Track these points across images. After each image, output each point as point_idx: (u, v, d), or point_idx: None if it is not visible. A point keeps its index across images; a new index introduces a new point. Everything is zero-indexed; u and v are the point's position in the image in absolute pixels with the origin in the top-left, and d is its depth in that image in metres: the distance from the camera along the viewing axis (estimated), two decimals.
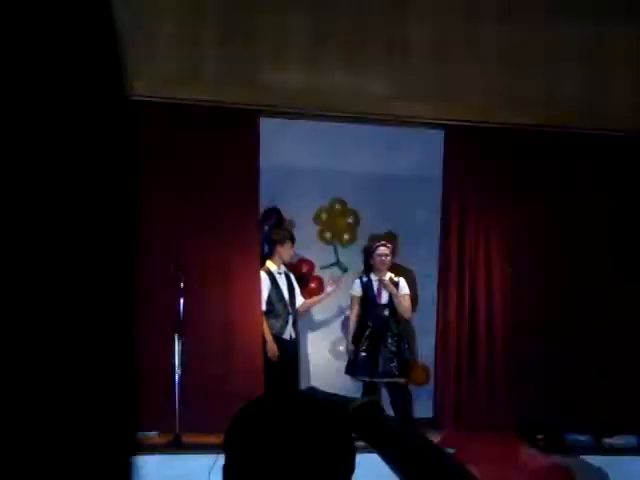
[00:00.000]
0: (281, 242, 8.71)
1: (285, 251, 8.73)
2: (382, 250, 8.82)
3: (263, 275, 8.61)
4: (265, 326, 8.45)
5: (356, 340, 8.80)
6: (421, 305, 9.92)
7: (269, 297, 8.57)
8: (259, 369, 8.50)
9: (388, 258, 8.80)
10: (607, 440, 8.53)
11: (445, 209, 9.42)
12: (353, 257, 10.67)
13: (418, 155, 9.94)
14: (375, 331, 8.66)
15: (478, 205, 9.35)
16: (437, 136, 9.53)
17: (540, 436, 8.38)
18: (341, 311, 10.42)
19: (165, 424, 7.70)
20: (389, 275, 8.87)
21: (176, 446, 7.39)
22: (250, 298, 8.66)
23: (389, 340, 8.62)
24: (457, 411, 9.00)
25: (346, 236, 10.78)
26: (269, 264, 8.71)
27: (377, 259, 8.85)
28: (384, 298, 8.82)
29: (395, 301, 8.76)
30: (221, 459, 1.84)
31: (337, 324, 10.57)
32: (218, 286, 8.63)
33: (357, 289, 8.94)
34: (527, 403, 8.85)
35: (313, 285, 10.37)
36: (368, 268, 9.04)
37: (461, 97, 9.04)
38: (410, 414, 8.67)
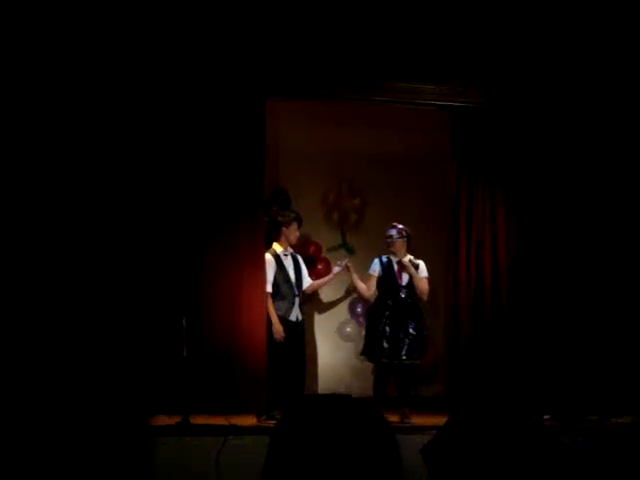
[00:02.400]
0: (287, 224, 8.69)
1: (291, 233, 8.71)
2: (388, 232, 8.78)
3: (269, 257, 8.60)
4: (271, 308, 8.45)
5: (374, 321, 8.78)
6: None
7: (275, 279, 8.56)
8: (262, 350, 8.52)
9: (393, 240, 8.72)
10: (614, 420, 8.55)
11: (454, 189, 9.42)
12: (360, 239, 10.68)
13: (425, 135, 9.93)
14: (395, 313, 8.64)
15: (486, 184, 9.35)
16: (444, 116, 9.52)
17: (547, 416, 8.39)
18: (349, 293, 10.43)
19: (173, 405, 7.73)
20: (409, 257, 8.81)
21: (184, 427, 7.40)
22: (255, 279, 8.67)
23: (409, 322, 8.59)
24: (467, 390, 9.03)
25: (353, 217, 10.78)
26: (275, 246, 8.70)
27: (386, 240, 8.83)
28: (404, 280, 8.79)
29: (415, 283, 8.77)
30: (229, 441, 1.85)
31: (344, 306, 10.59)
32: (223, 268, 8.63)
33: (376, 269, 8.86)
34: (534, 383, 8.86)
35: (320, 267, 10.36)
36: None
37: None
38: (411, 393, 8.66)
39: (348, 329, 10.50)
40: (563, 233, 9.20)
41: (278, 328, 8.36)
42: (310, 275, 9.21)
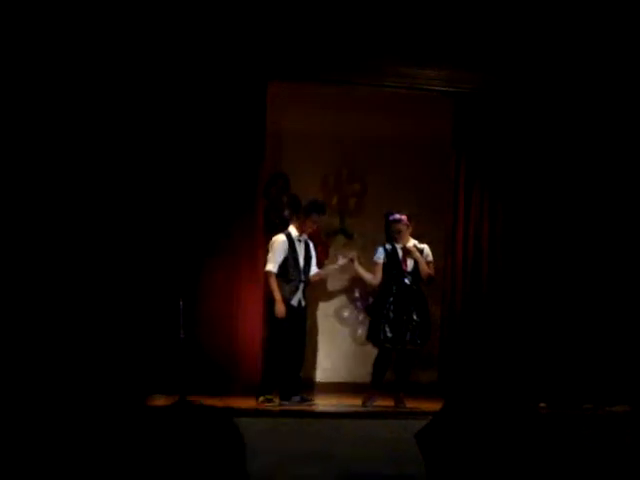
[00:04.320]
0: (305, 212, 8.67)
1: (306, 222, 8.67)
2: (397, 227, 8.63)
3: (282, 238, 8.57)
4: (274, 285, 8.43)
5: (378, 307, 8.72)
6: None
7: (284, 261, 8.53)
8: (258, 333, 8.64)
9: (402, 233, 8.67)
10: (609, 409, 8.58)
11: (455, 176, 9.41)
12: (359, 224, 10.68)
13: (427, 121, 9.91)
14: (399, 299, 8.60)
15: (485, 171, 9.34)
16: (446, 102, 9.50)
17: (543, 404, 8.41)
18: (353, 282, 10.38)
19: (171, 386, 7.76)
20: (413, 242, 8.74)
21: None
22: (252, 262, 8.72)
23: (413, 308, 8.60)
24: (461, 377, 9.06)
25: (352, 202, 10.77)
26: (291, 229, 8.67)
27: (394, 234, 8.69)
28: (409, 266, 8.70)
29: (420, 268, 8.70)
30: None
31: (342, 290, 10.59)
32: (221, 250, 8.65)
33: (381, 256, 8.74)
34: (530, 371, 8.88)
35: (319, 250, 10.36)
36: (390, 236, 8.80)
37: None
38: (409, 378, 8.67)
39: (345, 314, 10.51)
40: (561, 222, 9.20)
41: (280, 307, 8.35)
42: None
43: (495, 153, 9.33)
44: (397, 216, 8.71)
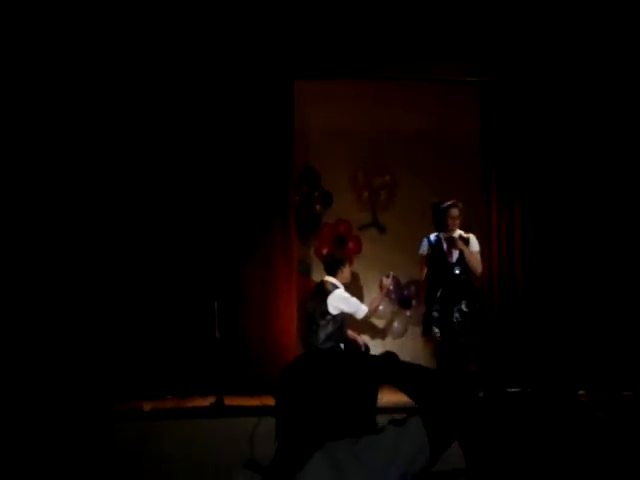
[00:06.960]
0: (344, 263, 8.89)
1: (345, 271, 8.90)
2: (454, 212, 8.55)
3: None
4: None
5: (429, 301, 8.60)
6: None
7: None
8: (293, 332, 8.79)
9: (458, 217, 8.60)
10: None
11: (485, 167, 9.34)
12: (391, 217, 10.66)
13: (454, 113, 9.86)
14: (448, 291, 8.48)
15: (515, 162, 9.26)
16: (474, 94, 9.44)
17: (582, 392, 8.36)
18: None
19: (207, 387, 7.79)
20: (458, 232, 8.61)
21: (219, 408, 7.44)
22: (285, 263, 8.77)
23: (462, 300, 8.47)
24: (498, 368, 9.01)
25: (383, 195, 10.75)
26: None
27: (449, 221, 8.57)
28: (454, 256, 8.56)
29: (466, 259, 8.57)
30: (263, 422, 2.14)
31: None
32: (256, 250, 8.66)
33: (424, 248, 8.66)
34: (569, 358, 8.82)
35: (351, 245, 10.37)
36: (440, 226, 8.69)
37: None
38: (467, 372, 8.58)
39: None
40: (595, 214, 9.11)
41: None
42: (341, 253, 9.34)
43: (526, 144, 9.22)
44: (452, 203, 8.59)
